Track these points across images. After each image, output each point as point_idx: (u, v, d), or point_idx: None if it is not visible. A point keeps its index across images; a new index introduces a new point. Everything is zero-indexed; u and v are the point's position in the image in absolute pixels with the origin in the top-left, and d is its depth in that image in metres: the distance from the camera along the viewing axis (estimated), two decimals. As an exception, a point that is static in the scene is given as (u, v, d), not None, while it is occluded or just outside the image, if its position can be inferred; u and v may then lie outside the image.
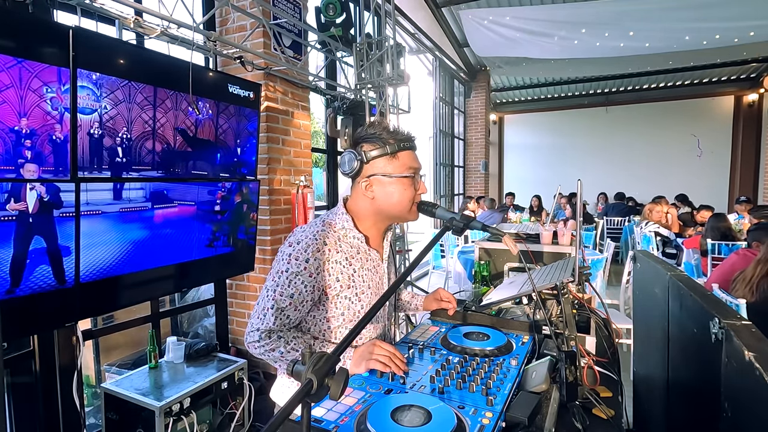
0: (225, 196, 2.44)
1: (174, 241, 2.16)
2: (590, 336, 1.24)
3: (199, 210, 2.28)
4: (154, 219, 2.05)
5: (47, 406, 2.04)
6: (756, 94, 8.68)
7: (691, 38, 5.34)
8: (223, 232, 2.46)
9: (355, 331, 0.62)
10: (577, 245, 1.39)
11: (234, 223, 2.52)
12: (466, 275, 4.14)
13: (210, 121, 2.29)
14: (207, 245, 2.36)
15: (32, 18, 1.71)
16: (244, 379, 2.47)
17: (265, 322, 1.05)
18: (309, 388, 0.51)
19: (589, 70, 8.07)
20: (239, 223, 2.56)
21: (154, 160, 2.02)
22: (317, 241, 1.07)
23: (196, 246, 2.29)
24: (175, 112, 2.09)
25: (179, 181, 2.15)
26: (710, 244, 4.01)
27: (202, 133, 2.25)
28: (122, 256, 1.92)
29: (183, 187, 2.18)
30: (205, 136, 2.27)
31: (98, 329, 2.42)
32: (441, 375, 0.93)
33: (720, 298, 1.70)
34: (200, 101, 2.21)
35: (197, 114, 2.20)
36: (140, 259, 2.00)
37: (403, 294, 1.46)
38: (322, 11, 3.39)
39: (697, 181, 9.07)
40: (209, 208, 2.35)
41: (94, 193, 1.77)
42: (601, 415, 0.89)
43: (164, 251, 2.12)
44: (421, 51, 6.81)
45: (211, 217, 2.36)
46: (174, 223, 2.15)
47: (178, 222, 2.17)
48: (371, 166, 1.08)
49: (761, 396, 0.45)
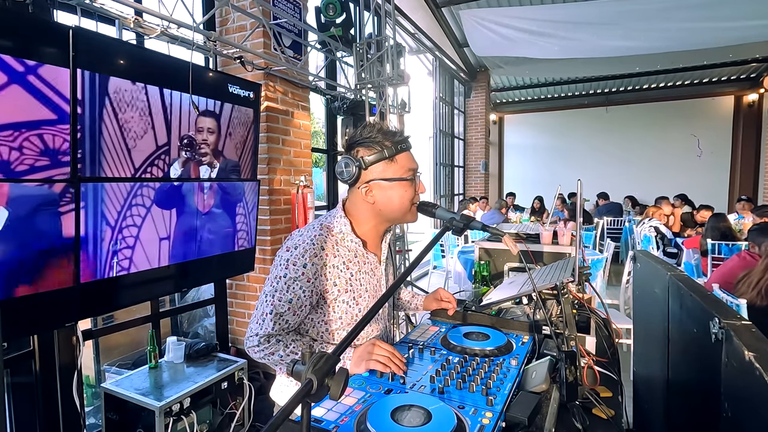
0: (224, 196, 2.44)
1: (174, 241, 2.16)
2: (590, 336, 1.24)
3: (198, 210, 2.28)
4: (154, 219, 2.05)
5: (47, 406, 2.04)
6: (756, 94, 8.68)
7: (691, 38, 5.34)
8: (223, 233, 2.46)
9: (355, 331, 0.62)
10: (577, 245, 1.39)
11: (233, 223, 2.52)
12: (466, 275, 4.14)
13: (210, 121, 2.29)
14: (207, 245, 2.36)
15: (32, 18, 1.71)
16: (244, 379, 2.47)
17: (264, 327, 1.05)
18: (309, 388, 0.51)
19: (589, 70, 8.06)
20: (239, 224, 2.56)
21: (153, 161, 2.02)
22: (315, 245, 1.07)
23: (196, 246, 2.29)
24: (175, 112, 2.09)
25: (179, 181, 2.15)
26: (710, 244, 4.01)
27: (202, 133, 2.25)
28: (122, 256, 1.92)
29: (182, 188, 2.18)
30: (205, 137, 2.27)
31: (98, 329, 2.42)
32: (441, 375, 0.93)
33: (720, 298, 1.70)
34: (200, 101, 2.21)
35: (197, 114, 2.19)
36: (140, 259, 2.00)
37: (403, 294, 1.46)
38: (322, 11, 3.39)
39: (697, 181, 9.06)
40: (209, 208, 2.35)
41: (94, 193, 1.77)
42: (601, 415, 0.89)
43: (164, 251, 2.11)
44: (421, 51, 6.81)
45: (210, 218, 2.36)
46: (174, 223, 2.15)
47: (178, 222, 2.17)
48: (370, 171, 1.07)
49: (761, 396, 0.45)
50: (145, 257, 2.02)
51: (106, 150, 1.80)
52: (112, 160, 1.82)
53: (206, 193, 2.32)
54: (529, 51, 5.97)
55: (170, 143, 2.08)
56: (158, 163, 2.04)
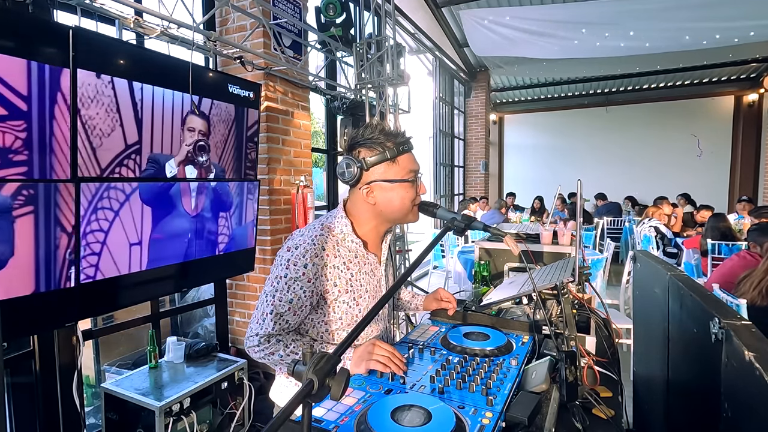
0: (224, 196, 2.44)
1: (174, 241, 2.16)
2: (590, 336, 1.24)
3: (198, 210, 2.28)
4: (154, 219, 2.05)
5: (47, 406, 2.04)
6: (756, 94, 8.68)
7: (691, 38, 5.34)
8: (223, 233, 2.46)
9: (356, 331, 0.62)
10: (577, 245, 1.39)
11: (234, 223, 2.52)
12: (466, 275, 4.14)
13: (210, 121, 2.29)
14: (207, 245, 2.36)
15: (32, 18, 1.71)
16: (244, 379, 2.47)
17: (264, 327, 1.05)
18: (310, 389, 0.51)
19: (589, 70, 8.06)
20: (239, 224, 2.56)
21: (154, 161, 2.02)
22: (315, 246, 1.07)
23: (196, 246, 2.29)
24: (175, 112, 2.09)
25: (179, 181, 2.15)
26: (710, 244, 4.01)
27: (202, 134, 2.25)
28: (122, 256, 1.92)
29: (182, 188, 2.18)
30: (205, 137, 2.27)
31: (98, 329, 2.42)
32: (441, 375, 0.93)
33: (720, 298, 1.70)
34: (200, 101, 2.21)
35: (197, 114, 2.19)
36: (140, 258, 2.00)
37: (404, 294, 1.46)
38: (322, 11, 3.39)
39: (697, 181, 9.06)
40: (209, 208, 2.35)
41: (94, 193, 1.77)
42: (601, 415, 0.89)
43: (164, 251, 2.11)
44: (421, 51, 6.81)
45: (210, 218, 2.36)
46: (174, 223, 2.15)
47: (178, 222, 2.17)
48: (371, 172, 1.07)
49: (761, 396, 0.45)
50: (145, 257, 2.02)
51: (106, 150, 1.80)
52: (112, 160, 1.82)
53: (207, 193, 2.32)
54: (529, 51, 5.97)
55: (170, 144, 2.08)
56: (157, 164, 2.04)
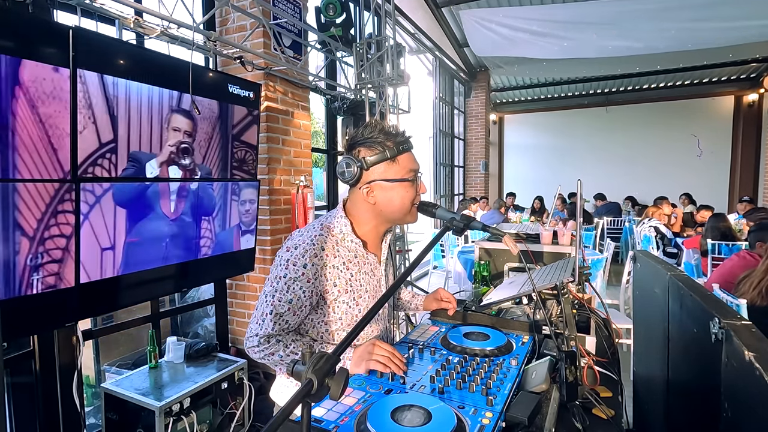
0: (225, 196, 2.44)
1: (174, 241, 2.16)
2: (590, 336, 1.24)
3: (199, 210, 2.28)
4: (154, 219, 2.04)
5: (47, 406, 2.04)
6: (756, 94, 8.68)
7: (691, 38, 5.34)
8: (223, 233, 2.46)
9: (355, 331, 0.62)
10: (577, 245, 1.39)
11: (234, 223, 2.52)
12: (466, 275, 4.14)
13: (210, 121, 2.29)
14: (207, 245, 2.36)
15: (32, 18, 1.71)
16: (244, 379, 2.47)
17: (264, 327, 1.05)
18: (309, 389, 0.51)
19: (589, 70, 8.06)
20: (239, 224, 2.56)
21: (154, 161, 2.02)
22: (315, 246, 1.06)
23: (196, 246, 2.29)
24: (175, 112, 2.09)
25: (179, 181, 2.15)
26: (710, 244, 4.01)
27: (202, 134, 2.25)
28: (123, 256, 1.92)
29: (182, 188, 2.18)
30: (205, 137, 2.27)
31: (98, 329, 2.42)
32: (441, 375, 0.93)
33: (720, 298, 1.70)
34: (200, 101, 2.21)
35: (197, 114, 2.19)
36: (141, 258, 2.00)
37: (404, 294, 1.46)
38: (322, 11, 3.39)
39: (697, 181, 9.06)
40: (209, 208, 2.35)
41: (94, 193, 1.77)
42: (601, 415, 0.89)
43: (164, 251, 2.11)
44: (421, 51, 6.81)
45: (210, 218, 2.36)
46: (174, 223, 2.15)
47: (178, 222, 2.17)
48: (371, 171, 1.07)
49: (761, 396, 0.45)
50: (145, 257, 2.02)
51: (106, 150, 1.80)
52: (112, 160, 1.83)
53: (206, 192, 2.32)
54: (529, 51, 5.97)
55: (170, 144, 2.08)
56: (158, 164, 2.04)
